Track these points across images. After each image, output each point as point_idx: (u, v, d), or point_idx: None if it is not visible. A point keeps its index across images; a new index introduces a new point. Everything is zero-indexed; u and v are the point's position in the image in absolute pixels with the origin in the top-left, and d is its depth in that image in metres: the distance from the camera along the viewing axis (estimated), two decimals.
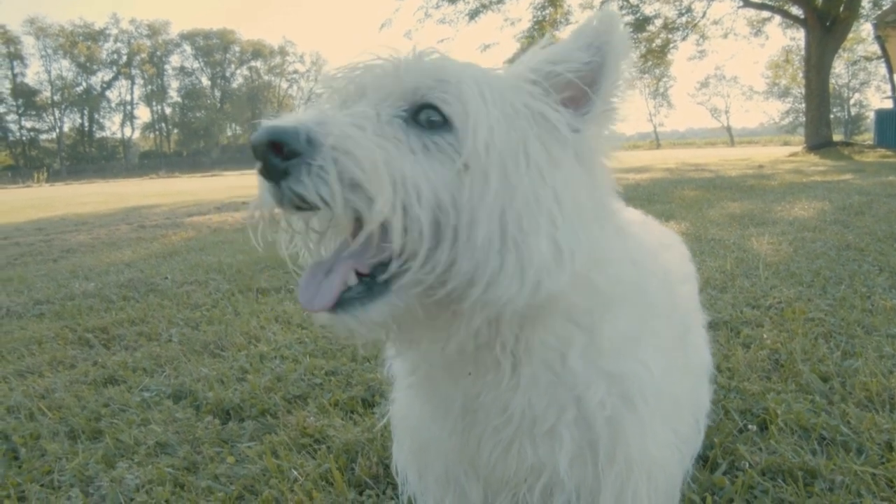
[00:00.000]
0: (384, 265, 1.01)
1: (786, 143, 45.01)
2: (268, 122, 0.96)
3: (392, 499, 1.90)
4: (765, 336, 3.12)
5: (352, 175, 0.93)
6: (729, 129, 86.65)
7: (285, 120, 0.97)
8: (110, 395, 2.86)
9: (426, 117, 1.03)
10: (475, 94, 1.04)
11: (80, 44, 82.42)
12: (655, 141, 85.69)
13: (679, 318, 1.52)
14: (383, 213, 0.94)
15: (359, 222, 0.98)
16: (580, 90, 1.14)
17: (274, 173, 0.95)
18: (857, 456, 2.01)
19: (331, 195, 0.93)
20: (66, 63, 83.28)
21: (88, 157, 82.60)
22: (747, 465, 1.97)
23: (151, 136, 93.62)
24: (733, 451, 2.07)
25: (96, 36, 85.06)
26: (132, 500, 2.01)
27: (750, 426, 2.21)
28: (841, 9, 22.16)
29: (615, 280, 1.19)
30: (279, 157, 0.94)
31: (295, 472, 2.08)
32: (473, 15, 25.32)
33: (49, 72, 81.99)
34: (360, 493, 1.96)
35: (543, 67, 1.13)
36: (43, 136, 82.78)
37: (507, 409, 1.20)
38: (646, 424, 1.25)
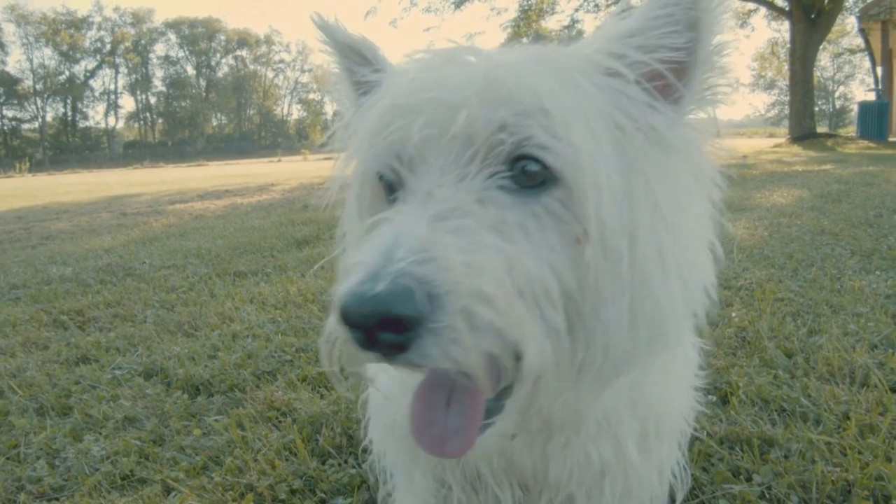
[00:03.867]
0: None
1: (771, 135, 45.22)
2: (357, 280, 0.72)
3: (353, 468, 1.92)
4: (733, 315, 3.16)
5: (489, 323, 0.73)
6: (714, 120, 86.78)
7: (363, 271, 0.73)
8: (81, 374, 2.86)
9: (521, 168, 0.82)
10: (581, 129, 0.82)
11: (62, 32, 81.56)
12: None
13: None
14: (538, 360, 0.78)
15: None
16: (673, 73, 0.94)
17: (387, 352, 0.73)
18: (815, 426, 2.05)
19: (467, 359, 0.73)
20: (48, 51, 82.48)
21: (72, 147, 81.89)
22: (706, 433, 2.01)
23: (136, 125, 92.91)
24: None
25: (79, 24, 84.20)
26: (97, 470, 2.02)
27: (710, 396, 2.24)
28: (825, 1, 22.27)
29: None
30: (393, 332, 0.71)
31: (259, 443, 2.09)
32: (459, 3, 25.22)
33: (31, 60, 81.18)
34: (323, 463, 1.97)
35: (630, 54, 0.91)
36: (25, 126, 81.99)
37: (583, 423, 1.08)
38: (678, 392, 1.25)
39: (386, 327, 0.70)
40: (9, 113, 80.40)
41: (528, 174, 0.82)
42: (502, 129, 0.82)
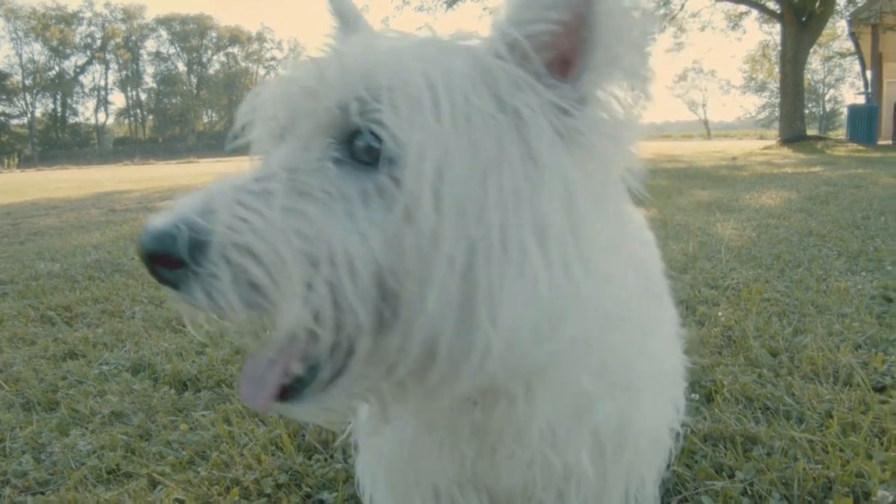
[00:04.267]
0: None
1: (762, 137, 45.51)
2: (152, 222, 0.78)
3: (339, 463, 1.93)
4: (720, 314, 3.18)
5: (250, 277, 0.76)
6: (706, 122, 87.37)
7: (168, 216, 0.79)
8: (69, 369, 2.86)
9: (363, 146, 0.81)
10: (420, 103, 0.80)
11: (52, 27, 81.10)
12: None
13: (660, 289, 1.36)
14: (292, 323, 0.78)
15: None
16: (561, 44, 0.86)
17: (168, 284, 0.79)
18: (798, 424, 2.07)
19: (229, 307, 0.76)
20: (37, 46, 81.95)
21: (61, 143, 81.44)
22: (689, 431, 2.02)
23: (126, 122, 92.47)
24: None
25: (69, 19, 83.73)
26: (83, 464, 2.02)
27: (693, 395, 2.26)
28: (816, 4, 22.41)
29: (623, 297, 1.01)
30: (166, 268, 0.77)
31: (245, 438, 2.10)
32: (451, 3, 25.24)
33: (20, 55, 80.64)
34: (309, 458, 1.98)
35: (515, 26, 0.86)
36: (14, 121, 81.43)
37: (525, 433, 1.05)
38: (651, 413, 1.17)
39: (157, 262, 0.77)
40: None
41: (366, 150, 0.81)
42: (349, 107, 0.82)
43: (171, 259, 0.76)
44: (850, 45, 30.36)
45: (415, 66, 0.82)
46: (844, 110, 29.14)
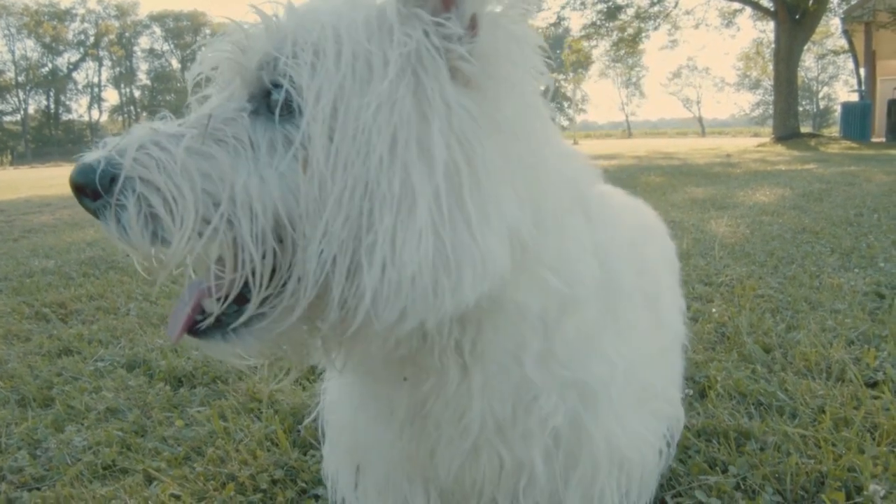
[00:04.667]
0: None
1: (756, 135, 45.64)
2: (82, 157, 0.86)
3: None
4: (714, 311, 3.20)
5: (151, 209, 0.83)
6: (700, 119, 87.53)
7: (95, 153, 0.86)
8: (64, 365, 2.85)
9: (277, 100, 0.86)
10: (324, 54, 0.84)
11: (45, 23, 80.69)
12: (627, 130, 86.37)
13: (649, 291, 1.33)
14: (181, 254, 0.83)
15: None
16: None
17: (91, 213, 0.87)
18: (790, 419, 2.08)
19: (135, 236, 0.83)
20: (30, 43, 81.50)
21: (54, 140, 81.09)
22: (683, 426, 2.03)
23: (120, 119, 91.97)
24: None
25: (62, 16, 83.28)
26: (79, 460, 2.02)
27: (688, 391, 2.27)
28: (810, 2, 22.48)
29: (576, 280, 1.00)
30: (90, 199, 0.85)
31: (241, 434, 2.10)
32: None
33: (13, 52, 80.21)
34: (304, 454, 1.99)
35: None
36: (7, 118, 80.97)
37: (464, 417, 1.03)
38: (612, 424, 1.10)
39: (81, 192, 0.85)
40: None
41: (284, 105, 0.86)
42: (264, 65, 0.88)
43: (90, 189, 0.84)
44: (843, 42, 30.45)
45: (326, 20, 0.87)
46: (838, 108, 29.25)
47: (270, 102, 0.87)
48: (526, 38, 0.90)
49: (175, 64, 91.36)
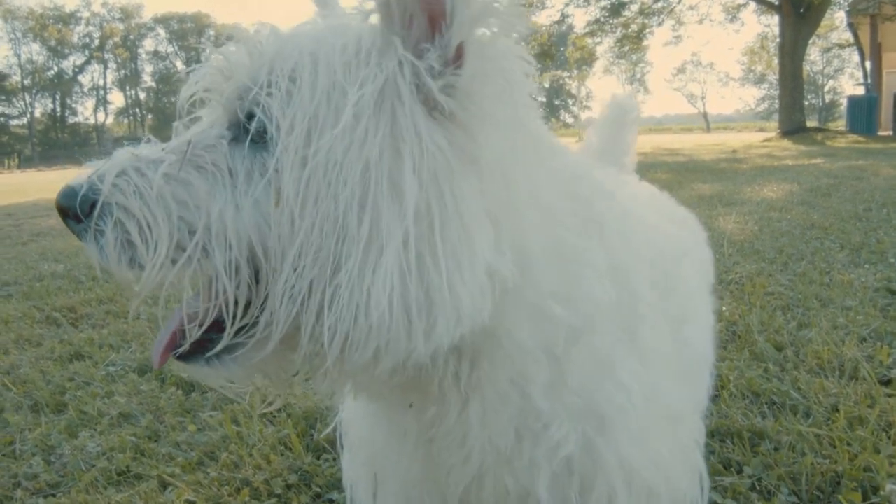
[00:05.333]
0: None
1: (761, 129, 45.45)
2: (67, 181, 0.88)
3: None
4: (724, 309, 3.18)
5: (127, 235, 0.83)
6: (705, 115, 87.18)
7: (80, 177, 0.88)
8: (76, 370, 2.86)
9: (256, 128, 0.85)
10: (301, 82, 0.83)
11: (50, 27, 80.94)
12: None
13: (674, 313, 1.24)
14: (153, 281, 0.83)
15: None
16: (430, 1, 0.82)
17: (75, 235, 0.88)
18: (804, 418, 2.08)
19: (112, 260, 0.84)
20: (36, 47, 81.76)
21: (61, 143, 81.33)
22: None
23: (125, 121, 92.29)
24: None
25: (67, 19, 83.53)
26: (93, 466, 2.03)
27: None
28: None
29: (587, 306, 0.96)
30: (74, 221, 0.86)
31: (254, 438, 2.11)
32: None
33: (19, 55, 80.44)
34: (318, 458, 1.99)
35: None
36: (13, 122, 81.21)
37: (466, 442, 1.01)
38: (629, 450, 1.04)
39: (66, 215, 0.86)
40: None
41: (262, 133, 0.85)
42: (243, 92, 0.87)
43: (72, 213, 0.85)
44: (848, 35, 30.32)
45: (306, 47, 0.85)
46: (844, 101, 29.12)
47: (252, 130, 0.86)
48: (514, 71, 0.86)
49: (179, 66, 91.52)
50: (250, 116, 0.86)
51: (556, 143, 1.00)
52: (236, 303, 0.85)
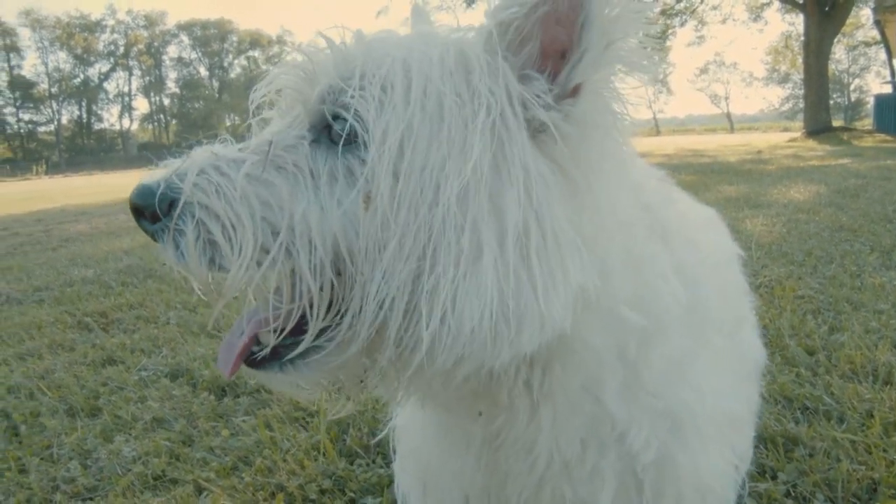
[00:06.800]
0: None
1: (786, 129, 45.00)
2: (143, 179, 0.86)
3: (381, 467, 1.95)
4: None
5: (210, 235, 0.82)
6: (729, 115, 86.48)
7: (156, 175, 0.86)
8: (108, 375, 2.91)
9: (340, 129, 0.85)
10: (393, 88, 0.83)
11: (76, 35, 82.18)
12: (655, 128, 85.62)
13: (733, 316, 1.27)
14: (238, 282, 0.82)
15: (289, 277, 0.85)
16: (553, 34, 0.84)
17: (149, 236, 0.86)
18: (838, 424, 2.06)
19: (192, 261, 0.82)
20: (62, 55, 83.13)
21: (87, 149, 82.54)
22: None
23: (150, 127, 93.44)
24: None
25: (93, 27, 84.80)
26: (129, 470, 2.06)
27: None
28: None
29: (659, 310, 0.97)
30: (149, 222, 0.85)
31: (287, 443, 2.13)
32: (471, 1, 25.21)
33: (46, 64, 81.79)
34: (351, 463, 2.00)
35: (494, 15, 0.85)
36: (41, 129, 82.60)
37: (533, 450, 1.01)
38: (699, 454, 1.04)
39: (140, 215, 0.85)
40: (25, 116, 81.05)
41: (338, 133, 0.85)
42: (329, 94, 0.87)
43: (149, 212, 0.83)
44: (874, 33, 29.91)
45: (396, 54, 0.85)
46: (870, 100, 28.71)
47: (332, 133, 0.86)
48: (621, 113, 0.87)
49: (203, 71, 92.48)
50: (336, 118, 0.86)
51: (632, 157, 0.99)
52: (319, 305, 0.84)
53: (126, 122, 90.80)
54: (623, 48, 0.83)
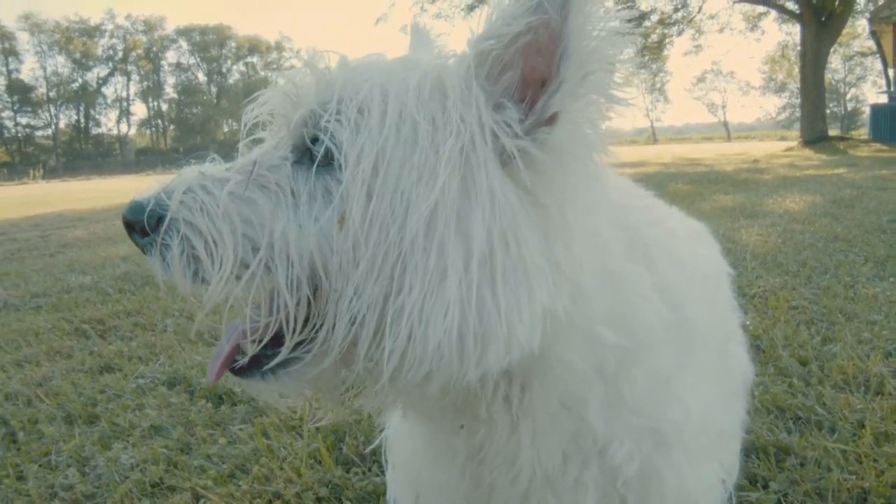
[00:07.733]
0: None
1: (782, 138, 45.14)
2: (134, 196, 0.92)
3: (377, 476, 1.97)
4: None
5: (193, 250, 0.87)
6: (726, 124, 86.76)
7: (148, 191, 0.92)
8: (106, 382, 2.92)
9: (320, 151, 0.89)
10: (369, 112, 0.87)
11: (75, 40, 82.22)
12: (652, 136, 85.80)
13: (721, 332, 1.29)
14: (218, 296, 0.86)
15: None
16: (533, 63, 0.86)
17: (140, 249, 0.92)
18: (830, 434, 2.08)
19: (177, 275, 0.87)
20: (61, 59, 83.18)
21: (84, 154, 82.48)
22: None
23: (148, 132, 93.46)
24: None
25: (91, 32, 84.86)
26: (127, 478, 2.08)
27: None
28: (836, 4, 22.24)
29: (641, 326, 0.99)
30: (139, 235, 0.90)
31: (284, 451, 2.14)
32: (470, 9, 25.29)
33: (44, 68, 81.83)
34: (347, 471, 2.02)
35: (477, 45, 0.87)
36: (38, 133, 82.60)
37: (515, 463, 1.03)
38: (685, 469, 1.06)
39: (132, 229, 0.90)
40: (23, 120, 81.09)
41: (325, 156, 0.88)
42: (309, 118, 0.91)
43: (139, 227, 0.89)
44: (871, 43, 30.04)
45: (376, 79, 0.89)
46: (866, 110, 28.82)
47: (313, 154, 0.90)
48: (599, 128, 0.89)
49: (201, 77, 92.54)
50: (314, 140, 0.90)
51: (608, 176, 0.99)
52: (296, 318, 0.88)
53: (124, 127, 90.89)
54: (601, 80, 0.86)
